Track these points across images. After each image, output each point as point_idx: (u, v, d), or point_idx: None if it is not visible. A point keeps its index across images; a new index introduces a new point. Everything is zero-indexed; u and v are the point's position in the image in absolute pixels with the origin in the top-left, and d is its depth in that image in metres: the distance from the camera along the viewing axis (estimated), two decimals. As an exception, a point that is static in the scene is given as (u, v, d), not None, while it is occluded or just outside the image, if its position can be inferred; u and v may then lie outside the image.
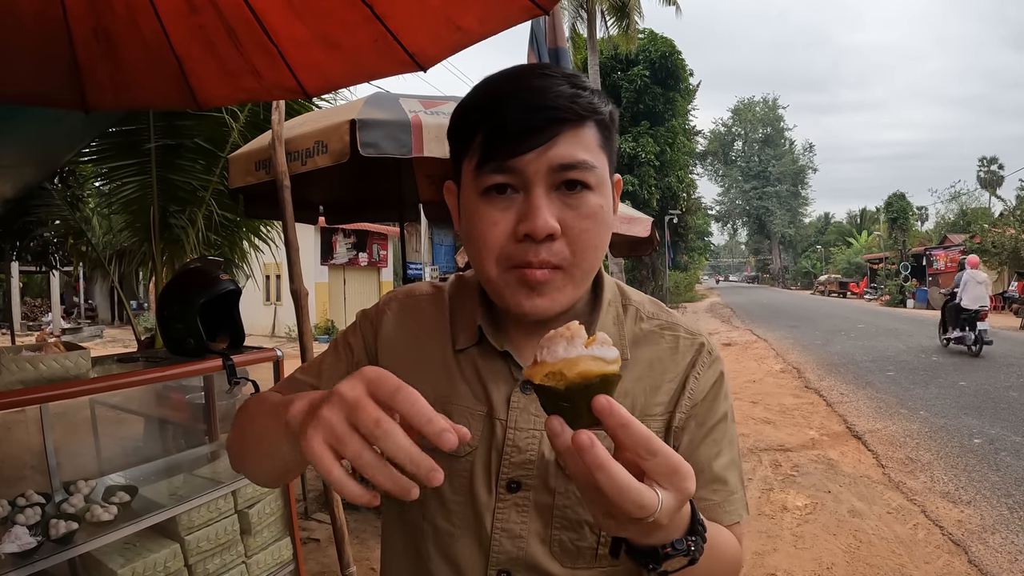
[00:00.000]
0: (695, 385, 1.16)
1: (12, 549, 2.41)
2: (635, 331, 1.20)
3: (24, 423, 3.06)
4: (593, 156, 1.03)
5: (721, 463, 1.16)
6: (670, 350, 1.19)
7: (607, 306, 1.20)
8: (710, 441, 1.16)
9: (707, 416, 1.16)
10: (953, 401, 10.77)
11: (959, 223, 47.22)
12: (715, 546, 0.98)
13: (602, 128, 1.05)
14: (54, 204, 7.58)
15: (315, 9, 2.22)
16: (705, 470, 1.13)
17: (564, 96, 1.00)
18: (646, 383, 1.16)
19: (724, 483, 1.15)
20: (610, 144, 1.08)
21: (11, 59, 2.64)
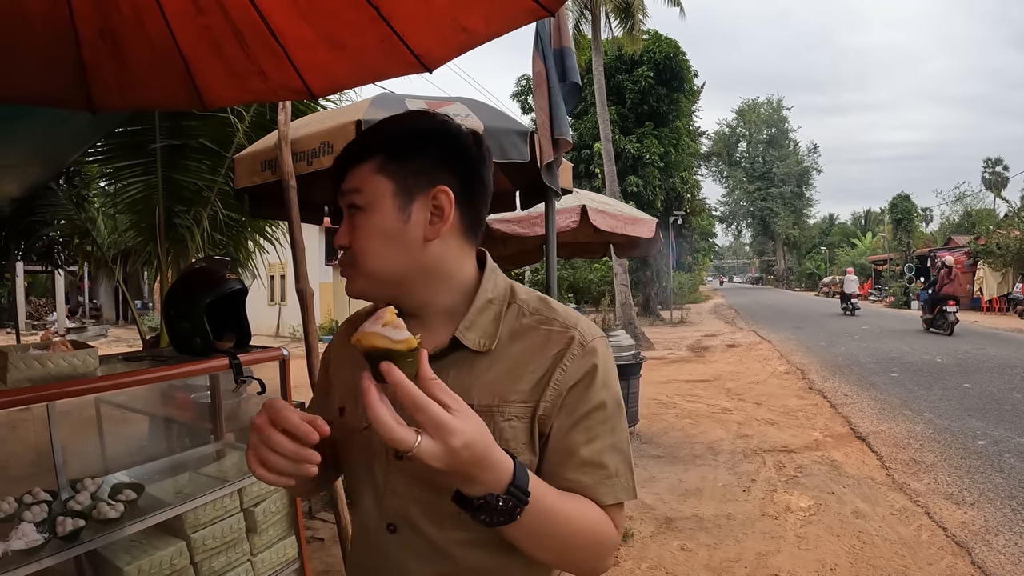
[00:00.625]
0: (561, 376, 1.29)
1: (19, 546, 2.42)
2: (514, 326, 1.36)
3: (31, 421, 3.08)
4: (361, 182, 1.30)
5: (594, 448, 1.29)
6: (541, 343, 1.33)
7: (483, 305, 1.36)
8: (582, 428, 1.29)
9: (578, 404, 1.29)
10: (957, 403, 10.78)
11: (964, 224, 47.07)
12: (557, 514, 1.19)
13: (387, 157, 1.30)
14: (60, 204, 7.61)
15: (321, 10, 2.22)
16: (575, 454, 1.28)
17: (352, 144, 1.37)
18: (511, 373, 1.30)
19: (599, 466, 1.29)
20: (401, 164, 1.30)
21: (18, 60, 2.65)
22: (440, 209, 1.30)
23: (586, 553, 1.28)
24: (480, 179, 1.37)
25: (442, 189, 1.30)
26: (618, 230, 7.84)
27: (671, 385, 13.45)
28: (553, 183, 5.09)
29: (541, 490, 1.17)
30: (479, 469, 1.08)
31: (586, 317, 1.43)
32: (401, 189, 1.29)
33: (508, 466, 1.12)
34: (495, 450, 1.11)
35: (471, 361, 1.32)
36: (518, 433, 1.28)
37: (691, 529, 5.69)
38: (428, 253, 1.32)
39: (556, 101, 4.98)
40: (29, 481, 3.05)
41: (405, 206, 1.29)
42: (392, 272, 1.31)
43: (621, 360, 8.54)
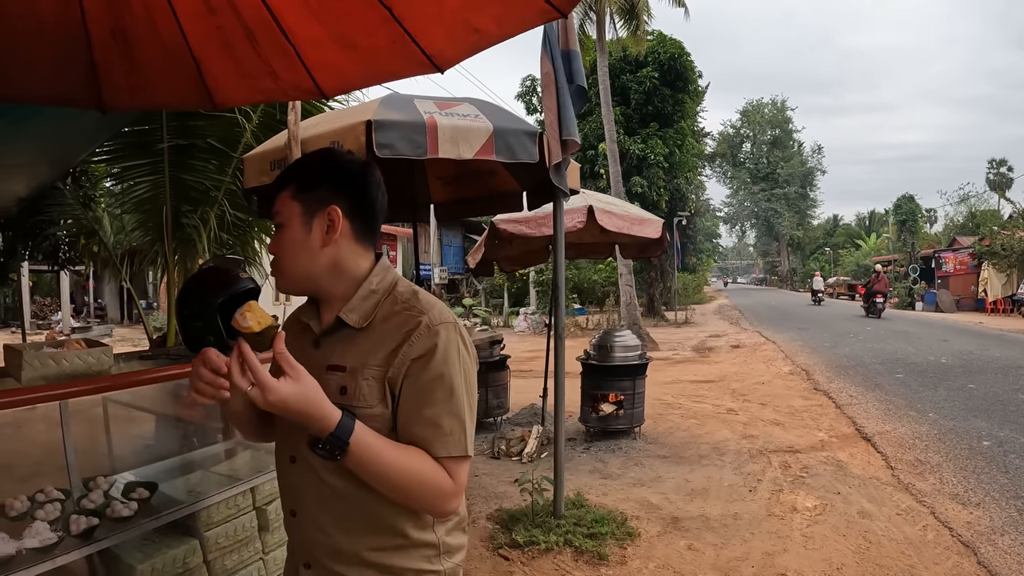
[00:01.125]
0: (408, 350, 1.69)
1: (33, 544, 2.44)
2: (388, 311, 1.77)
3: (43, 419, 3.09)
4: (282, 206, 1.80)
5: (432, 411, 1.68)
6: (400, 324, 1.73)
7: (367, 294, 1.80)
8: (422, 393, 1.69)
9: (420, 374, 1.69)
10: (962, 403, 10.76)
11: (968, 225, 46.92)
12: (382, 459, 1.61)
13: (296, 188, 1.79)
14: (66, 203, 7.61)
15: (333, 10, 2.24)
16: (417, 414, 1.69)
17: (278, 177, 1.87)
18: (375, 345, 1.73)
19: (436, 426, 1.68)
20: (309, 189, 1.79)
21: (30, 60, 2.67)
22: (332, 223, 1.77)
23: (420, 492, 1.67)
24: (366, 199, 1.85)
25: (333, 208, 1.77)
26: (625, 230, 7.85)
27: (676, 385, 13.43)
28: (561, 183, 5.11)
29: (368, 439, 1.59)
30: (305, 418, 1.54)
31: (449, 310, 1.83)
32: (305, 210, 1.77)
33: (333, 419, 1.55)
34: (321, 406, 1.55)
35: (352, 335, 1.77)
36: (373, 390, 1.70)
37: (698, 529, 5.69)
38: (325, 256, 1.78)
39: (564, 102, 5.00)
40: (40, 480, 3.07)
41: (308, 222, 1.77)
42: (301, 272, 1.80)
43: (627, 360, 8.56)
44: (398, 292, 1.81)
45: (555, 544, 5.18)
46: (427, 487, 1.66)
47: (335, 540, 1.76)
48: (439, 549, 1.81)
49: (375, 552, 1.75)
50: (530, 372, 13.95)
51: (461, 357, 1.76)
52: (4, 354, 2.57)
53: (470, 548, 5.23)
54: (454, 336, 1.74)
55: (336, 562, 1.77)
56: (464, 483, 1.73)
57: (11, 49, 2.56)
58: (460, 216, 10.59)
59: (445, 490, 1.68)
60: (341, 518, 1.75)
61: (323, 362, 1.77)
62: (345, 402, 1.67)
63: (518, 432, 8.47)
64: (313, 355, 1.79)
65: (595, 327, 25.29)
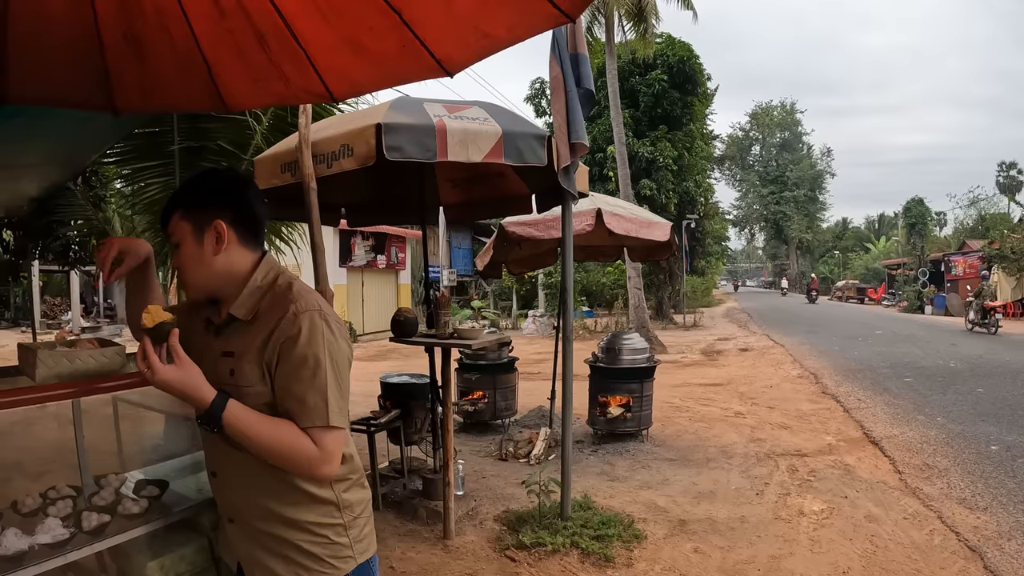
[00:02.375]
0: (278, 335, 1.93)
1: (45, 540, 2.47)
2: (269, 303, 2.01)
3: (55, 418, 3.12)
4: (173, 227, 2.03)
5: (298, 388, 1.91)
6: (276, 314, 1.96)
7: (252, 290, 2.03)
8: (291, 373, 1.92)
9: (288, 356, 1.92)
10: (970, 408, 10.76)
11: (978, 229, 46.73)
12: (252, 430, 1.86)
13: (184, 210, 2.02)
14: (77, 204, 7.66)
15: (344, 15, 2.25)
16: (285, 390, 1.93)
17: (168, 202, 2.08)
18: (257, 332, 1.97)
19: (301, 401, 1.90)
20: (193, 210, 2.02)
21: (42, 63, 2.70)
22: (220, 235, 2.00)
23: (290, 457, 1.90)
24: (246, 207, 2.09)
25: (217, 222, 1.99)
26: (633, 233, 7.86)
27: (684, 389, 13.44)
28: (570, 186, 5.12)
29: (240, 414, 1.86)
30: (185, 397, 1.83)
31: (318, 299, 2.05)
32: (195, 227, 2.00)
33: (208, 398, 1.83)
34: (198, 388, 1.83)
35: (241, 326, 2.02)
36: (254, 371, 1.95)
37: (704, 532, 5.70)
38: (218, 263, 2.02)
39: (573, 105, 5.02)
40: (52, 477, 3.10)
41: (199, 238, 2.00)
42: (201, 280, 2.05)
43: (635, 363, 8.58)
44: (277, 285, 2.06)
45: (562, 546, 5.20)
46: (295, 453, 1.89)
47: (248, 497, 2.05)
48: (338, 504, 2.07)
49: (281, 507, 2.01)
50: (538, 374, 13.97)
51: (326, 340, 1.96)
52: (19, 353, 2.59)
53: (477, 549, 5.28)
54: (319, 322, 1.97)
55: (251, 517, 2.06)
56: (333, 450, 1.95)
57: (24, 52, 2.59)
58: (469, 218, 10.62)
59: (311, 456, 1.90)
60: (251, 479, 2.01)
61: (220, 349, 2.04)
62: (233, 382, 1.96)
63: (526, 434, 8.50)
64: (213, 342, 2.08)
65: (603, 330, 25.28)
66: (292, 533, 2.01)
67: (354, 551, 2.10)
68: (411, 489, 6.39)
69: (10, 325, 29.94)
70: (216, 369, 1.99)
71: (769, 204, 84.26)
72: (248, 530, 2.08)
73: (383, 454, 6.81)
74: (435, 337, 5.65)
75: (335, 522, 2.06)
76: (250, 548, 2.08)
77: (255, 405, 1.92)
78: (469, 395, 9.39)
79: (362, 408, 7.09)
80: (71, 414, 2.99)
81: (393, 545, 5.33)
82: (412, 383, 6.61)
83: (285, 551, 2.02)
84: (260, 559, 2.05)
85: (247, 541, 2.09)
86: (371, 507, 2.24)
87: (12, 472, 3.44)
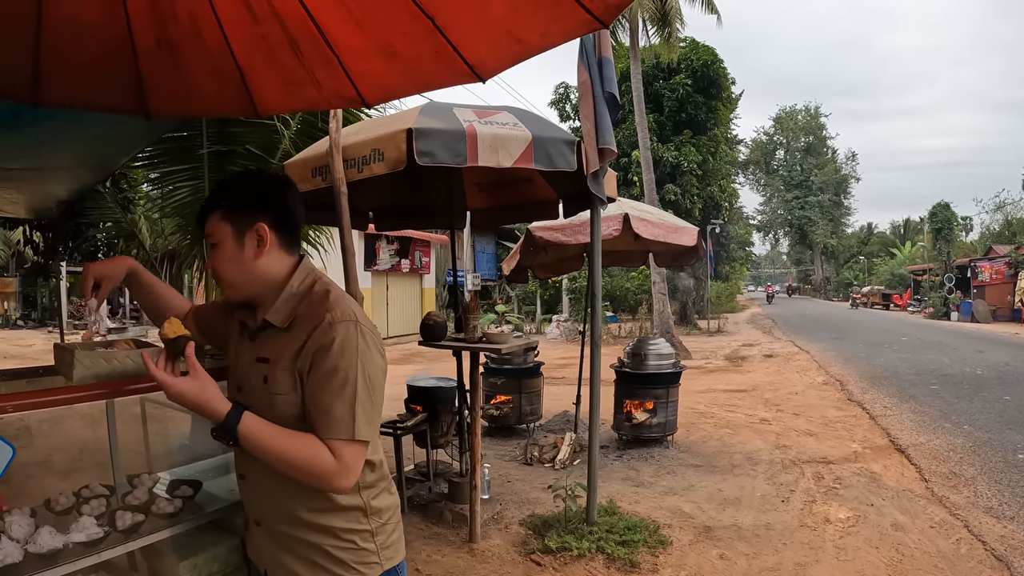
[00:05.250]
0: (311, 345, 1.92)
1: (80, 538, 2.49)
2: (305, 310, 2.00)
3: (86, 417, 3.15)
4: (213, 228, 2.01)
5: (326, 399, 1.89)
6: (311, 323, 1.94)
7: (288, 297, 2.03)
8: (321, 383, 1.90)
9: (319, 365, 1.91)
10: (997, 416, 10.67)
11: (1004, 234, 46.28)
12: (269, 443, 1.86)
13: (225, 210, 2.01)
14: (106, 206, 7.73)
15: (377, 21, 2.26)
16: (313, 400, 1.92)
17: (205, 202, 2.07)
18: (292, 340, 1.96)
19: (327, 412, 1.89)
20: (235, 211, 2.01)
21: (75, 68, 2.73)
22: (262, 239, 2.00)
23: (306, 470, 1.88)
24: (288, 212, 2.08)
25: (260, 225, 2.00)
26: (660, 239, 7.84)
27: (709, 395, 13.40)
28: (599, 191, 5.13)
29: (256, 427, 1.85)
30: (200, 409, 1.83)
31: (355, 309, 2.02)
32: (236, 229, 2.00)
33: (223, 411, 1.83)
34: (212, 400, 1.83)
35: (276, 332, 2.01)
36: (286, 379, 1.95)
37: (730, 538, 5.68)
38: (257, 267, 2.02)
39: (601, 110, 5.02)
40: (84, 475, 3.13)
41: (240, 240, 2.00)
42: (239, 283, 2.04)
43: (661, 368, 8.57)
44: (314, 292, 2.05)
45: (587, 550, 5.20)
46: (311, 466, 1.87)
47: (277, 502, 2.04)
48: (366, 510, 2.07)
49: (310, 513, 2.00)
50: (563, 379, 13.94)
51: (359, 351, 1.93)
52: (55, 353, 2.62)
53: (503, 553, 5.28)
54: (353, 332, 1.94)
55: (279, 521, 2.05)
56: (352, 464, 1.92)
57: (58, 56, 2.62)
58: (496, 223, 10.62)
59: (328, 469, 1.87)
60: (278, 483, 1.97)
61: (254, 354, 2.05)
62: (267, 389, 1.97)
63: (551, 439, 8.51)
64: (248, 347, 2.09)
65: (627, 335, 25.28)
66: (318, 538, 2.01)
67: (380, 557, 2.09)
68: (437, 492, 6.40)
69: (37, 325, 30.27)
70: (250, 374, 2.04)
71: (793, 209, 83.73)
72: (274, 534, 2.08)
73: (409, 457, 6.82)
74: (464, 341, 5.67)
75: (362, 528, 2.06)
76: (275, 552, 2.08)
77: (287, 413, 1.94)
78: (495, 399, 9.40)
79: (388, 411, 7.10)
80: (100, 414, 3.02)
81: (419, 548, 5.35)
82: (439, 387, 6.62)
83: (311, 555, 2.02)
84: (285, 563, 2.05)
85: (273, 544, 2.08)
86: (399, 513, 2.23)
87: (43, 470, 3.48)
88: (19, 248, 29.25)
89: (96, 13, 2.47)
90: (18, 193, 6.63)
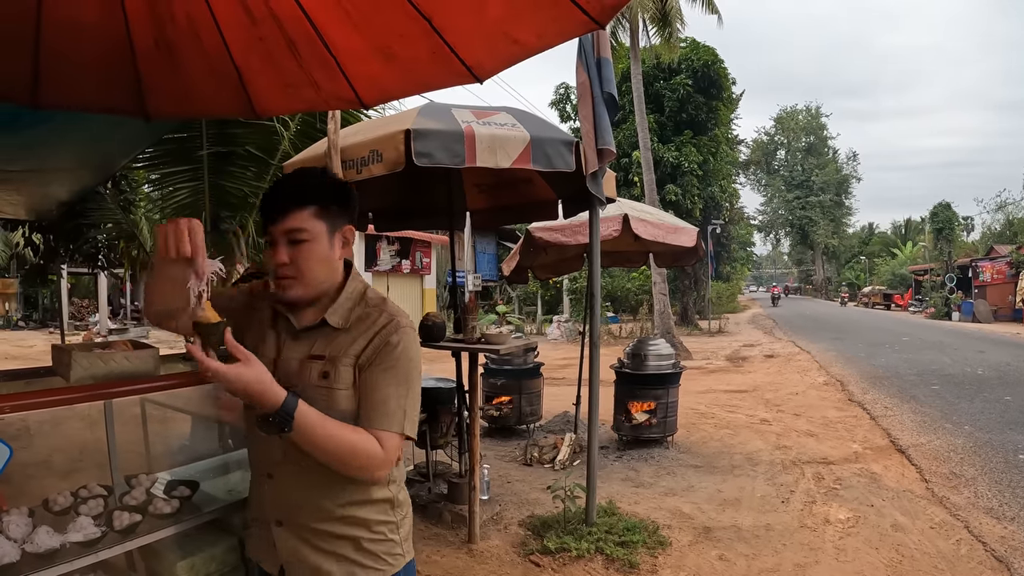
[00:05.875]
0: (377, 342, 2.03)
1: (77, 538, 2.50)
2: (361, 313, 2.10)
3: (85, 418, 3.15)
4: (306, 223, 1.99)
5: (386, 392, 2.00)
6: (372, 322, 2.07)
7: (345, 299, 2.11)
8: (382, 378, 2.01)
9: (382, 362, 2.01)
10: (998, 416, 10.66)
11: (1006, 233, 46.23)
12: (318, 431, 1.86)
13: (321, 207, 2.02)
14: (107, 208, 7.73)
15: (374, 22, 2.27)
16: (368, 392, 2.00)
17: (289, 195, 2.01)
18: (351, 340, 2.05)
19: (383, 404, 1.98)
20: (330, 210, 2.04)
21: (75, 68, 2.73)
22: (348, 241, 2.13)
23: (352, 459, 1.94)
24: (356, 217, 2.18)
25: (349, 228, 2.12)
26: (660, 239, 7.84)
27: (709, 395, 13.40)
28: (598, 192, 5.13)
29: (309, 414, 1.85)
30: (252, 397, 1.79)
31: (405, 313, 2.15)
32: (329, 229, 2.05)
33: (279, 398, 1.81)
34: (268, 387, 1.80)
35: (331, 332, 2.08)
36: (348, 375, 2.02)
37: (729, 539, 5.68)
38: (336, 267, 2.12)
39: (600, 111, 5.02)
40: (82, 476, 3.13)
41: (331, 240, 2.07)
42: (318, 281, 2.07)
43: (661, 369, 8.56)
44: (368, 298, 2.16)
45: (586, 551, 5.20)
46: (357, 452, 1.93)
47: (308, 497, 2.07)
48: (393, 503, 2.17)
49: (344, 507, 2.07)
50: (563, 380, 13.93)
51: (416, 356, 2.09)
52: (53, 354, 2.64)
53: (501, 554, 5.29)
54: (412, 337, 2.09)
55: (308, 518, 2.08)
56: (393, 456, 2.02)
57: (57, 58, 2.62)
58: (496, 224, 10.63)
59: (374, 458, 1.95)
60: (316, 480, 2.03)
61: (304, 352, 2.09)
62: (326, 384, 2.02)
63: (551, 439, 8.50)
64: (292, 345, 2.12)
65: (628, 335, 25.28)
66: (352, 530, 2.08)
67: (403, 549, 2.21)
68: (436, 493, 6.40)
69: (38, 326, 30.30)
70: (299, 370, 2.06)
71: (794, 209, 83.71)
72: (301, 532, 2.09)
73: (408, 458, 6.81)
74: (463, 342, 5.67)
75: (390, 520, 2.16)
76: (300, 549, 2.09)
77: (343, 407, 2.00)
78: (494, 400, 9.39)
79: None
80: (100, 414, 3.03)
81: (418, 549, 5.31)
82: (438, 387, 6.61)
83: (342, 550, 2.08)
84: (310, 559, 2.08)
85: (298, 543, 2.09)
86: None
87: (42, 470, 3.48)
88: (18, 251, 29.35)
89: (95, 14, 2.47)
90: (18, 195, 6.62)
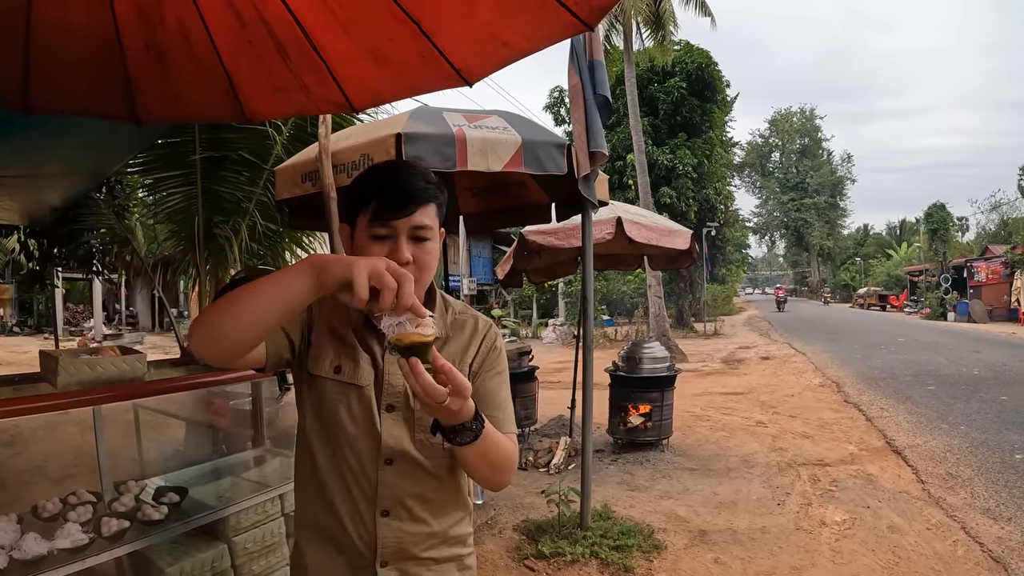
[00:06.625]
0: (484, 348, 2.00)
1: (65, 545, 2.49)
2: (451, 320, 2.01)
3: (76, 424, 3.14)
4: (432, 221, 1.86)
5: (500, 396, 1.98)
6: (472, 329, 2.01)
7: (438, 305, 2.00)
8: (495, 382, 1.99)
9: (492, 366, 1.99)
10: (994, 416, 10.66)
11: (1000, 234, 46.28)
12: (492, 436, 1.77)
13: (438, 206, 1.89)
14: (100, 213, 7.71)
15: (363, 26, 2.26)
16: (490, 398, 1.95)
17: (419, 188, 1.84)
18: (461, 347, 1.98)
19: (502, 408, 1.96)
20: (441, 212, 1.92)
21: (65, 73, 2.72)
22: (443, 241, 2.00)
23: (508, 464, 1.89)
24: None
25: (443, 231, 1.97)
26: (653, 242, 7.84)
27: (705, 398, 13.40)
28: (590, 195, 5.12)
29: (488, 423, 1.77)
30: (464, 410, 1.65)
31: None
32: (439, 227, 1.93)
33: (472, 406, 1.69)
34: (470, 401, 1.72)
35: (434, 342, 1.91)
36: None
37: (725, 542, 5.67)
38: None
39: (592, 114, 5.02)
40: (72, 482, 3.12)
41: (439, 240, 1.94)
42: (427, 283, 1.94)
43: (656, 372, 8.56)
44: (450, 304, 2.07)
45: (581, 555, 5.18)
46: (512, 457, 1.90)
47: (429, 526, 1.95)
48: (472, 514, 2.12)
49: (451, 526, 1.99)
50: (558, 383, 13.92)
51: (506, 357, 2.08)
52: (40, 360, 2.62)
53: (496, 559, 5.28)
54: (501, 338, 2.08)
55: (423, 548, 1.95)
56: None
57: (47, 62, 2.61)
58: (489, 228, 10.63)
59: (515, 460, 1.93)
60: (436, 504, 1.95)
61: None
62: None
63: (546, 443, 8.49)
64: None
65: (623, 338, 25.25)
66: (457, 550, 2.02)
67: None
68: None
69: (33, 332, 30.24)
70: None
71: (789, 211, 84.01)
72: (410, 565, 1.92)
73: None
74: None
75: (470, 531, 2.11)
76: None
77: None
78: (489, 404, 9.30)
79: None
80: (91, 420, 3.02)
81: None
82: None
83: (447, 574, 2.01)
84: None
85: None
86: None
87: (33, 476, 3.47)
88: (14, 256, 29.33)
89: (84, 15, 2.46)
90: (11, 200, 6.60)
